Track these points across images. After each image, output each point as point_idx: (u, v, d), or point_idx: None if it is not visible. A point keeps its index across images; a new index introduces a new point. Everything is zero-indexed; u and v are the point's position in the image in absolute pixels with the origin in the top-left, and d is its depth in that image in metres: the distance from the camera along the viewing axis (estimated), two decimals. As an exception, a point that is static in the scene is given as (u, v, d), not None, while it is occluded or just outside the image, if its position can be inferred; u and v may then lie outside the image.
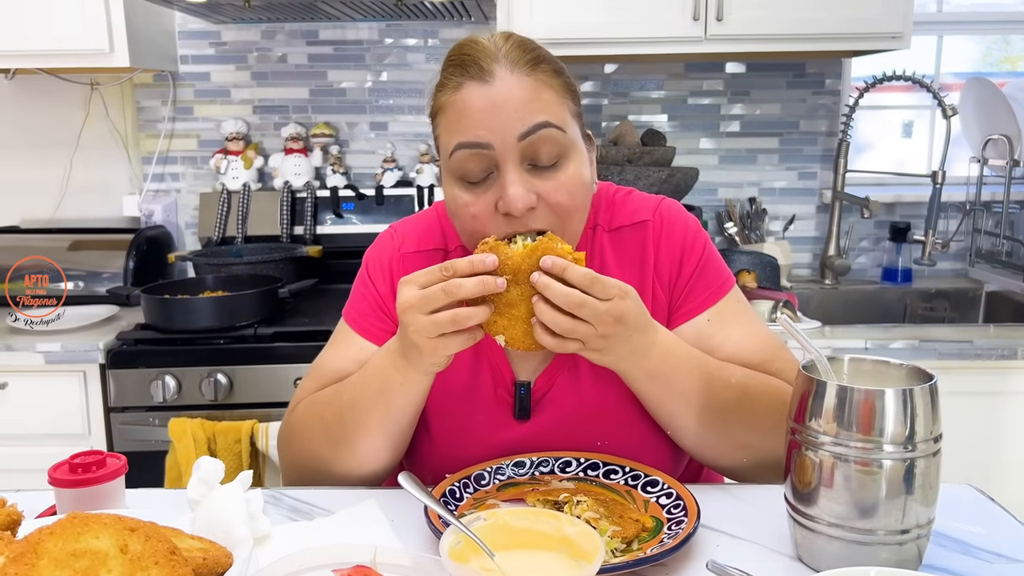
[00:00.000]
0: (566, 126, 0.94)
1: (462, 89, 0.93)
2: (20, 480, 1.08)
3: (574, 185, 0.94)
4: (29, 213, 2.54)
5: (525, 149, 0.91)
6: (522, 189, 0.91)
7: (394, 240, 1.13)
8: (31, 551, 0.61)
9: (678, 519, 0.89)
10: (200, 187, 2.57)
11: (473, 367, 1.07)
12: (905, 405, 0.77)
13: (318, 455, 1.04)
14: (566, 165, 0.94)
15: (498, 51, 0.93)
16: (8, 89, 2.49)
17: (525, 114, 0.91)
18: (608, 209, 1.10)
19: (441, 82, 0.97)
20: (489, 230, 0.93)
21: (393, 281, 1.09)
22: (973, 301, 2.47)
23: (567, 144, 0.94)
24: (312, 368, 1.14)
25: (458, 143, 0.92)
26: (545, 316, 0.85)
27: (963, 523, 0.91)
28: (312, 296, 2.24)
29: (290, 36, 2.51)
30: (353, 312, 1.13)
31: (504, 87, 0.91)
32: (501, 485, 1.00)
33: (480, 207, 0.93)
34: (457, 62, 0.94)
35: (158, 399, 1.88)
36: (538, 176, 0.93)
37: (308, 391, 1.10)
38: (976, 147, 2.53)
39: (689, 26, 2.09)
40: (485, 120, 0.91)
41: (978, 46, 2.90)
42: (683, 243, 1.07)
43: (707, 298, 1.06)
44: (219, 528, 0.78)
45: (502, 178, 0.92)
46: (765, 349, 1.06)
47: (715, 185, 2.59)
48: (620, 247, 1.08)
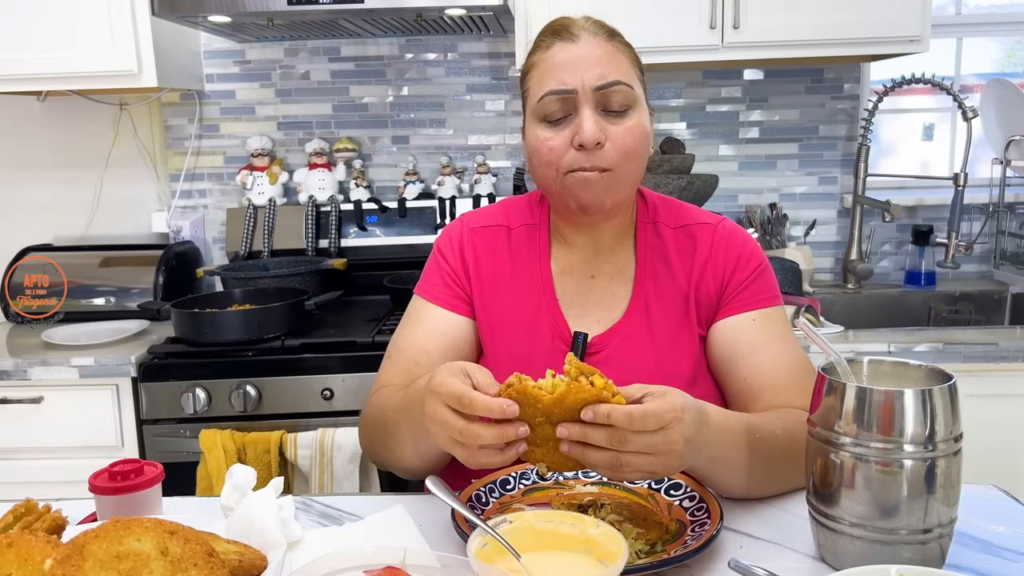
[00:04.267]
0: (634, 86, 1.11)
1: (552, 48, 1.11)
2: (56, 491, 1.11)
3: (637, 132, 1.09)
4: (61, 231, 2.60)
5: (599, 97, 1.08)
6: (595, 126, 1.06)
7: (462, 221, 1.27)
8: (77, 553, 0.64)
9: (701, 521, 0.90)
10: (227, 203, 2.62)
11: (532, 320, 1.17)
12: (925, 405, 0.78)
13: (376, 446, 1.14)
14: (632, 115, 1.10)
15: (584, 23, 1.13)
16: (40, 111, 2.56)
17: (603, 70, 1.08)
18: (670, 210, 1.22)
19: (535, 46, 1.15)
20: (562, 162, 1.08)
21: (463, 252, 1.22)
22: (998, 303, 2.45)
23: (634, 99, 1.10)
24: (390, 348, 1.23)
25: (548, 90, 1.08)
26: (596, 458, 0.83)
27: (986, 523, 0.92)
28: (338, 308, 2.27)
29: (312, 53, 2.56)
30: (425, 285, 1.23)
31: (587, 46, 1.09)
32: (526, 490, 1.02)
33: (558, 141, 1.08)
34: (550, 31, 1.13)
35: (189, 411, 1.92)
36: (608, 120, 1.08)
37: (389, 373, 1.19)
38: (998, 148, 2.51)
39: (706, 34, 2.10)
40: (570, 69, 1.08)
41: (1001, 47, 2.88)
42: (743, 250, 1.18)
43: (758, 300, 1.15)
44: (253, 532, 0.81)
45: (579, 117, 1.07)
46: (794, 373, 1.10)
47: (735, 191, 2.59)
48: (683, 243, 1.19)
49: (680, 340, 1.14)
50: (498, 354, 1.17)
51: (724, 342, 1.14)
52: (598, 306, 1.18)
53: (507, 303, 1.19)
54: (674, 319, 1.15)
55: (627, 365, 1.13)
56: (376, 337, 1.99)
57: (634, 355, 1.14)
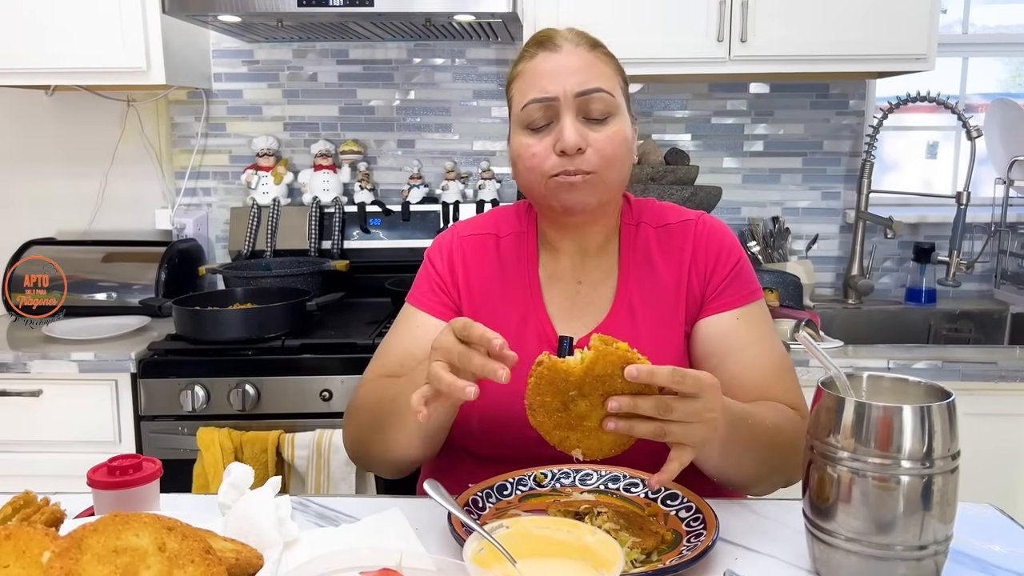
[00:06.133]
0: (615, 94, 1.12)
1: (536, 57, 1.14)
2: (54, 484, 1.11)
3: (618, 139, 1.11)
4: (65, 225, 2.61)
5: (580, 104, 1.09)
6: (575, 132, 1.08)
7: (452, 231, 1.29)
8: (75, 546, 0.64)
9: (697, 532, 0.90)
10: (231, 202, 2.62)
11: (520, 326, 1.19)
12: (923, 422, 0.79)
13: (364, 436, 1.15)
14: (612, 122, 1.11)
15: (567, 33, 1.15)
16: (48, 105, 2.57)
17: (583, 78, 1.10)
18: (653, 211, 1.25)
19: (520, 56, 1.17)
20: (545, 167, 1.10)
21: (452, 261, 1.24)
22: (998, 323, 2.45)
23: (615, 107, 1.12)
24: (378, 351, 1.26)
25: (531, 98, 1.11)
26: (642, 429, 0.86)
27: (982, 541, 0.92)
28: (339, 309, 2.27)
29: (321, 55, 2.57)
30: (415, 293, 1.26)
31: (568, 56, 1.12)
32: (523, 496, 1.02)
33: (540, 148, 1.11)
34: (534, 42, 1.16)
35: (187, 408, 1.92)
36: (589, 127, 1.10)
37: (373, 372, 1.22)
38: (1001, 168, 2.52)
39: (713, 47, 2.11)
40: (552, 78, 1.10)
41: (1007, 67, 2.89)
42: (721, 246, 1.20)
43: (740, 297, 1.17)
44: (250, 531, 0.81)
45: (560, 124, 1.09)
46: (779, 370, 1.15)
47: (738, 204, 2.60)
48: (664, 241, 1.21)
49: (664, 339, 1.16)
50: None
51: (708, 340, 1.16)
52: (584, 311, 1.19)
53: (495, 310, 1.20)
54: (658, 319, 1.17)
55: None
56: (376, 339, 1.99)
57: None
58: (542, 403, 0.87)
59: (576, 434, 0.88)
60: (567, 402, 0.86)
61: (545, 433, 0.90)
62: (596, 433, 0.88)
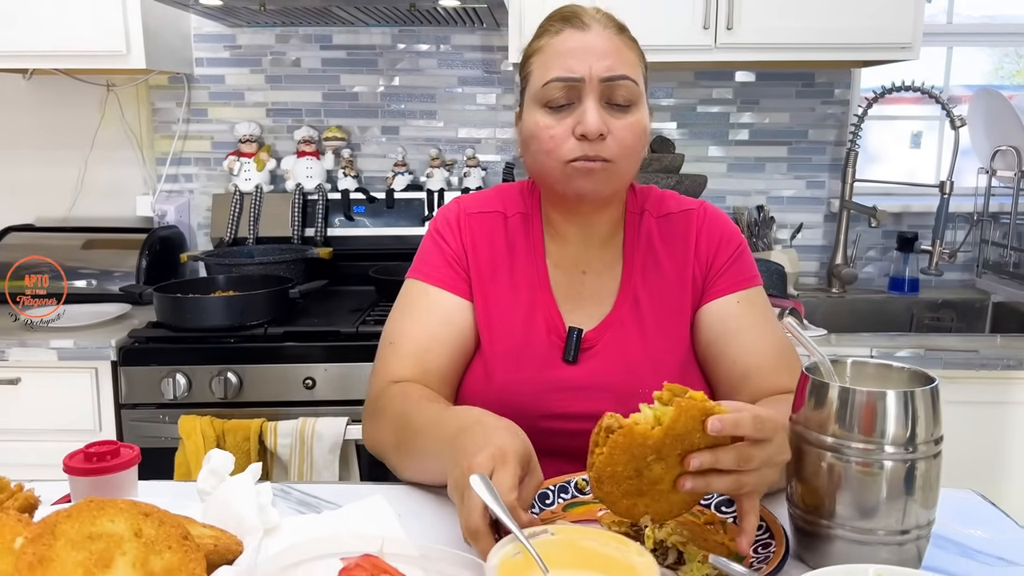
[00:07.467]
0: (639, 82, 1.10)
1: (562, 34, 1.09)
2: (32, 473, 1.09)
3: (638, 128, 1.09)
4: (44, 212, 2.57)
5: (605, 89, 1.06)
6: (598, 117, 1.05)
7: (459, 204, 1.24)
8: (48, 532, 0.63)
9: (764, 542, 0.85)
10: (213, 188, 2.59)
11: (529, 312, 1.16)
12: (906, 407, 0.78)
13: (385, 452, 1.09)
14: (634, 111, 1.09)
15: (595, 13, 1.11)
16: (26, 89, 2.53)
17: (611, 62, 1.06)
18: (656, 200, 1.23)
19: (541, 31, 1.13)
20: (563, 150, 1.06)
21: (462, 236, 1.19)
22: (980, 312, 2.47)
23: (638, 95, 1.09)
24: (390, 336, 1.17)
25: (555, 76, 1.06)
26: (719, 484, 0.78)
27: (964, 526, 0.92)
28: (322, 297, 2.26)
29: (304, 40, 2.54)
30: (424, 268, 1.19)
31: (597, 36, 1.08)
32: (566, 504, 0.96)
33: (559, 130, 1.07)
34: (559, 16, 1.11)
35: (168, 396, 1.90)
36: (611, 113, 1.07)
37: (395, 364, 1.13)
38: (984, 158, 2.53)
39: (699, 35, 2.11)
40: (580, 57, 1.06)
41: (990, 58, 2.91)
42: (722, 233, 1.19)
43: (740, 282, 1.16)
44: (230, 518, 0.80)
45: (582, 107, 1.06)
46: (781, 354, 1.13)
47: (723, 193, 2.60)
48: (667, 231, 1.20)
49: (669, 329, 1.15)
50: (494, 345, 1.15)
51: (710, 326, 1.15)
52: (589, 301, 1.17)
53: (505, 293, 1.17)
54: (664, 308, 1.15)
55: (617, 357, 1.13)
56: (360, 328, 1.97)
57: (624, 346, 1.14)
58: (612, 474, 0.77)
59: (645, 499, 0.79)
60: (641, 468, 0.76)
61: (610, 504, 0.81)
62: (667, 495, 0.79)
